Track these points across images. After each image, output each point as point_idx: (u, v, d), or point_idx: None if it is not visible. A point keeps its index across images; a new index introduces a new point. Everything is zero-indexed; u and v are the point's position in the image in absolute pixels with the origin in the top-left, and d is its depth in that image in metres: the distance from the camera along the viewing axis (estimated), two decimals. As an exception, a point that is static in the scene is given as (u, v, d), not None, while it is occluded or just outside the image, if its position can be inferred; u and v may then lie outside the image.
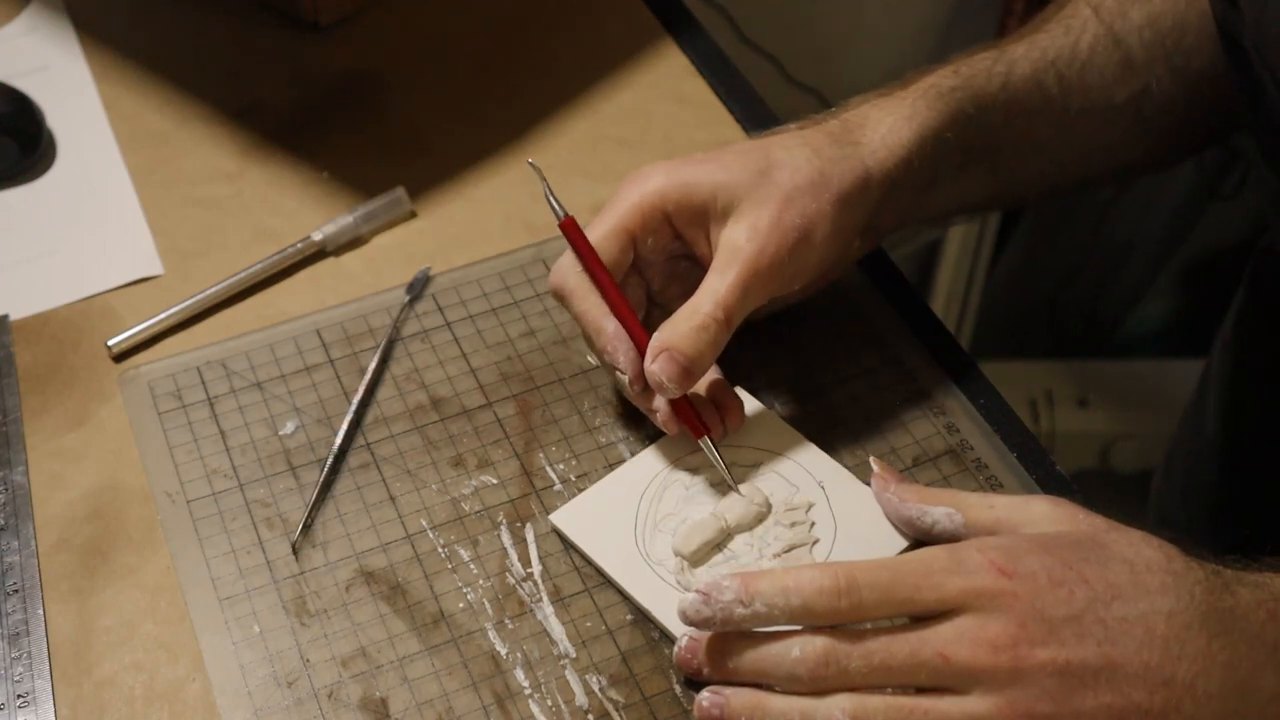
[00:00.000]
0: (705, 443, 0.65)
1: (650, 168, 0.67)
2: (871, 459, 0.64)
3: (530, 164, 0.68)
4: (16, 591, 0.65)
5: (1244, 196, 1.66)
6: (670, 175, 0.66)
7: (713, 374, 0.68)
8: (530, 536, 0.66)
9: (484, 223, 0.81)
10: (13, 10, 0.97)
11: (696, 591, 0.56)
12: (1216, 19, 0.67)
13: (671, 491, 0.66)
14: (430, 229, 0.81)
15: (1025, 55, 0.72)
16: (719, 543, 0.64)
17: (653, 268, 0.68)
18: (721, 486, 0.66)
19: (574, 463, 0.68)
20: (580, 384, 0.72)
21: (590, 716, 0.59)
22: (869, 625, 0.55)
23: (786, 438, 0.68)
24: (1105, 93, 0.72)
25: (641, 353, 0.64)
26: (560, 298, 0.67)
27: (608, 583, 0.63)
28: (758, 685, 0.56)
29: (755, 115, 0.87)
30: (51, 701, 0.61)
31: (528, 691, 0.60)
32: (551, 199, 0.66)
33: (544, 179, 0.67)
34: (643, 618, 0.62)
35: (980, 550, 0.54)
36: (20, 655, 0.62)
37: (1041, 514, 0.58)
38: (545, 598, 0.63)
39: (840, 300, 0.75)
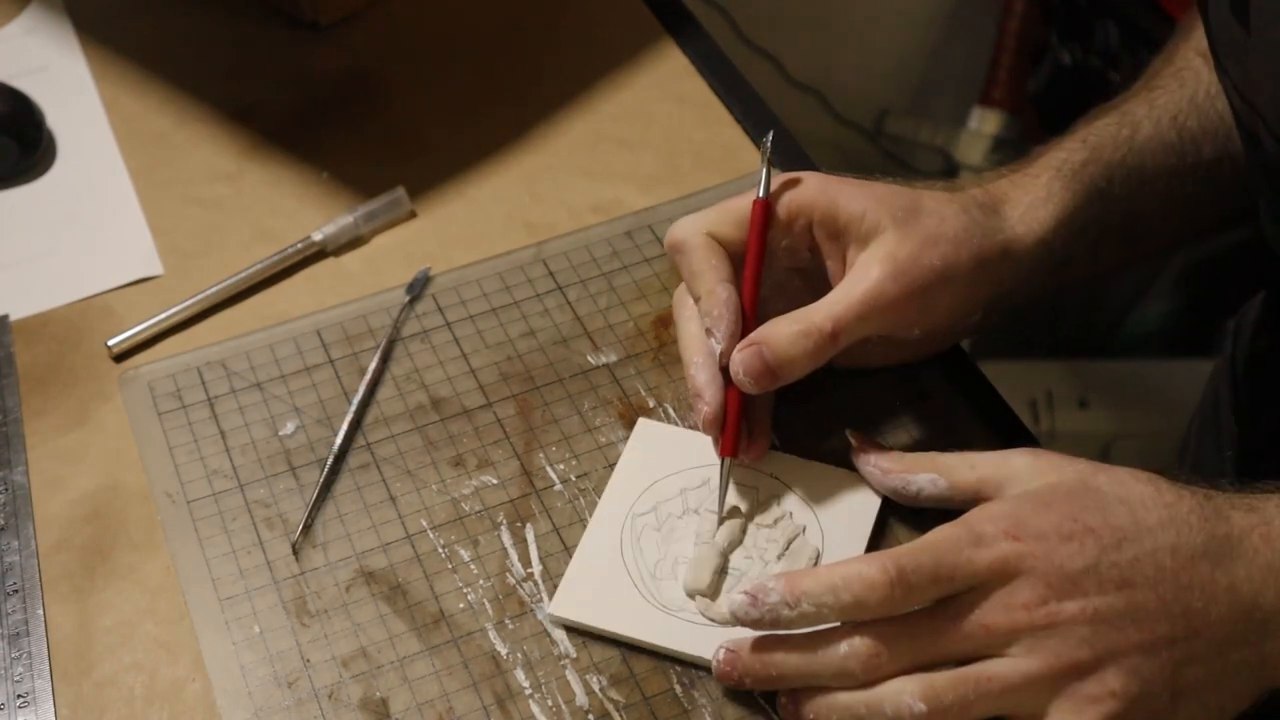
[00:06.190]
0: (725, 463, 0.64)
1: (800, 175, 0.66)
2: (848, 431, 0.65)
3: (765, 142, 0.68)
4: (16, 591, 0.65)
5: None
6: (822, 186, 0.65)
7: (766, 397, 0.66)
8: (530, 536, 0.66)
9: (484, 223, 0.81)
10: (13, 10, 0.97)
11: (743, 593, 0.56)
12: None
13: (645, 536, 0.64)
14: (430, 229, 0.81)
15: (1147, 115, 0.72)
16: (723, 567, 0.63)
17: (767, 272, 0.67)
18: (689, 514, 0.65)
19: (574, 463, 0.68)
20: (580, 384, 0.72)
21: (590, 716, 0.59)
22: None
23: (708, 449, 0.67)
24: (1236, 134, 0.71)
25: (741, 337, 0.63)
26: (679, 250, 0.65)
27: (641, 651, 0.61)
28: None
29: (755, 115, 0.87)
30: (51, 701, 0.61)
31: (528, 691, 0.60)
32: (764, 175, 0.66)
33: (769, 159, 0.67)
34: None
35: (990, 521, 0.56)
36: (20, 655, 0.62)
37: (1023, 466, 0.59)
38: (545, 598, 0.63)
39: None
